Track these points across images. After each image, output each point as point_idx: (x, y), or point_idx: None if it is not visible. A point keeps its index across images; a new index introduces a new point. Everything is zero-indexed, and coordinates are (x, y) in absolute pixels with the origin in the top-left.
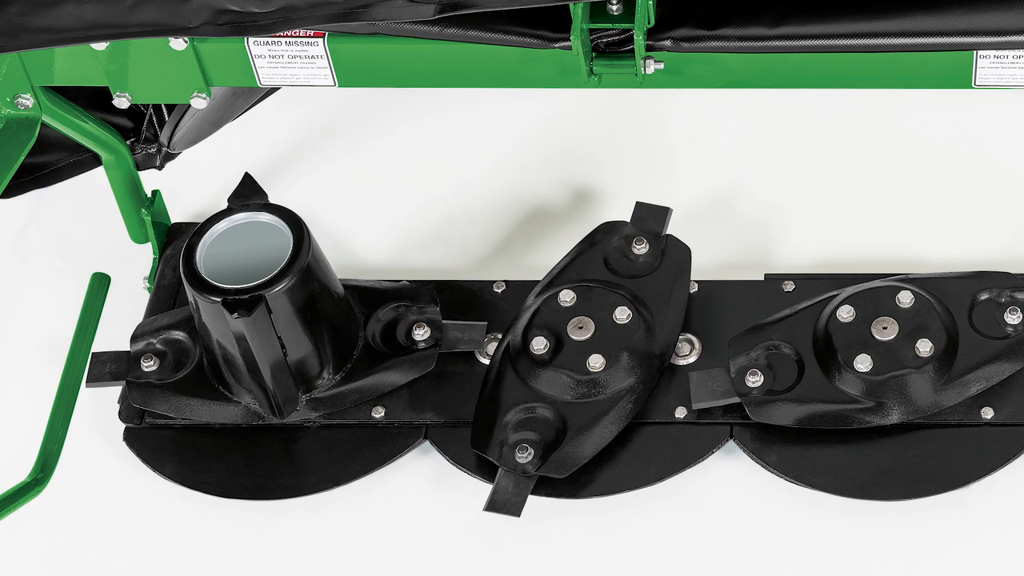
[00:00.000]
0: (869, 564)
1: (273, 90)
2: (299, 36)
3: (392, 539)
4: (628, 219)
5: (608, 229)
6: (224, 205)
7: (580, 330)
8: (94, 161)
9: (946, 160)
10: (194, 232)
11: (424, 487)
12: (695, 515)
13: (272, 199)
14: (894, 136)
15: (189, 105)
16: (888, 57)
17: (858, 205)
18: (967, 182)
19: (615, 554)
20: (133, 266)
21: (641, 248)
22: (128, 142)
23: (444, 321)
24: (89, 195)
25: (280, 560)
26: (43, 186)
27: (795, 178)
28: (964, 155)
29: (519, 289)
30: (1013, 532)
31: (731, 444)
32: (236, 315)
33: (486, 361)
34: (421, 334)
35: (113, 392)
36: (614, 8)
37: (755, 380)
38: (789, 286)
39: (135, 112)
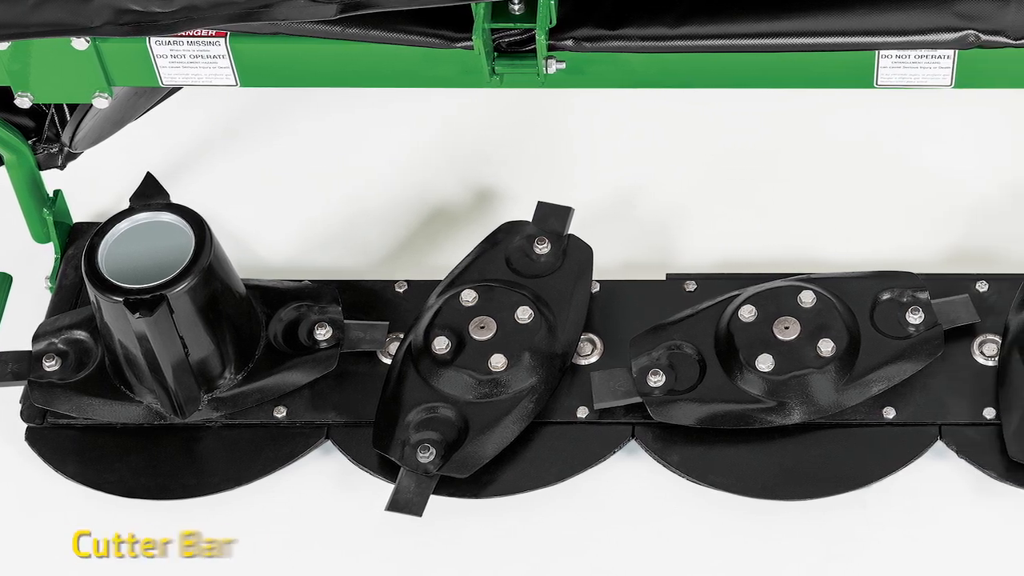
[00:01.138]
0: (771, 564)
1: (175, 90)
2: (201, 36)
3: (294, 539)
4: (530, 219)
5: (510, 229)
6: (126, 205)
7: (482, 330)
8: None
9: (848, 160)
10: (96, 232)
11: (326, 487)
12: (597, 515)
13: (174, 199)
14: (796, 136)
15: (91, 105)
16: (790, 57)
17: (760, 205)
18: (869, 182)
19: (517, 554)
20: (35, 266)
21: (543, 248)
22: (30, 142)
23: (346, 321)
24: None
25: (182, 559)
26: None
27: (697, 178)
28: (866, 155)
29: (421, 289)
30: (912, 532)
31: (633, 444)
32: (138, 315)
33: (388, 361)
34: (323, 334)
35: (15, 392)
36: (516, 8)
37: (657, 380)
38: (691, 286)
39: (37, 112)
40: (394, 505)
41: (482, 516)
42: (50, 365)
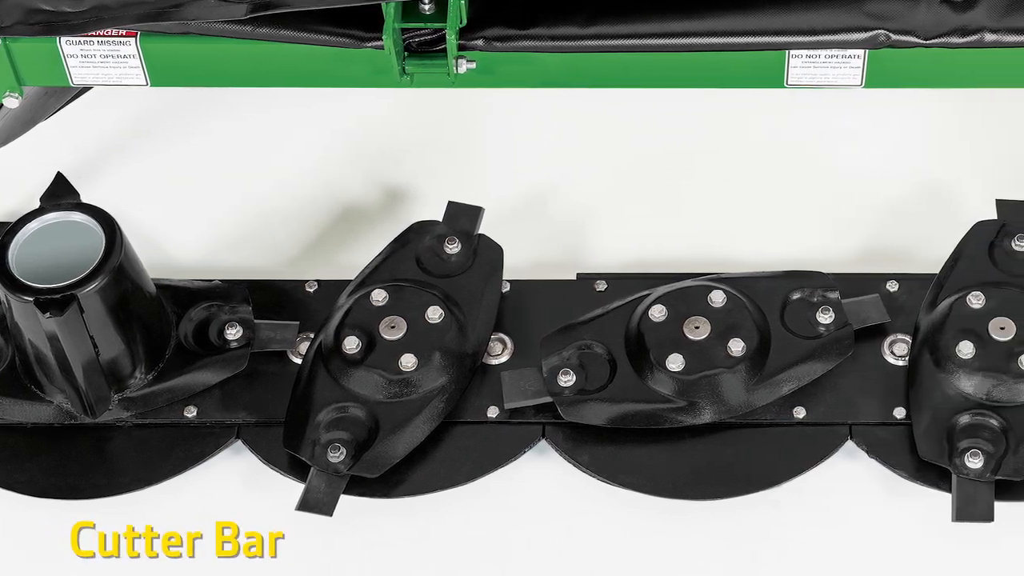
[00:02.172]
0: (683, 564)
1: (85, 89)
2: (111, 36)
3: (204, 539)
4: (440, 219)
5: (420, 229)
6: (36, 204)
7: (392, 329)
8: None
9: (759, 160)
10: (6, 232)
11: (236, 486)
12: (507, 515)
13: (84, 199)
14: (707, 136)
15: (1, 105)
16: (700, 57)
17: (671, 205)
18: (780, 182)
19: (428, 554)
20: None
21: (453, 247)
22: None
23: (256, 320)
24: None
25: (92, 559)
26: None
27: (608, 178)
28: (777, 155)
29: (331, 289)
30: (823, 531)
31: (543, 444)
32: (48, 315)
33: (298, 361)
34: (233, 333)
35: None
36: (426, 7)
37: (567, 380)
38: (601, 286)
39: None
40: (304, 505)
41: (392, 516)
42: None
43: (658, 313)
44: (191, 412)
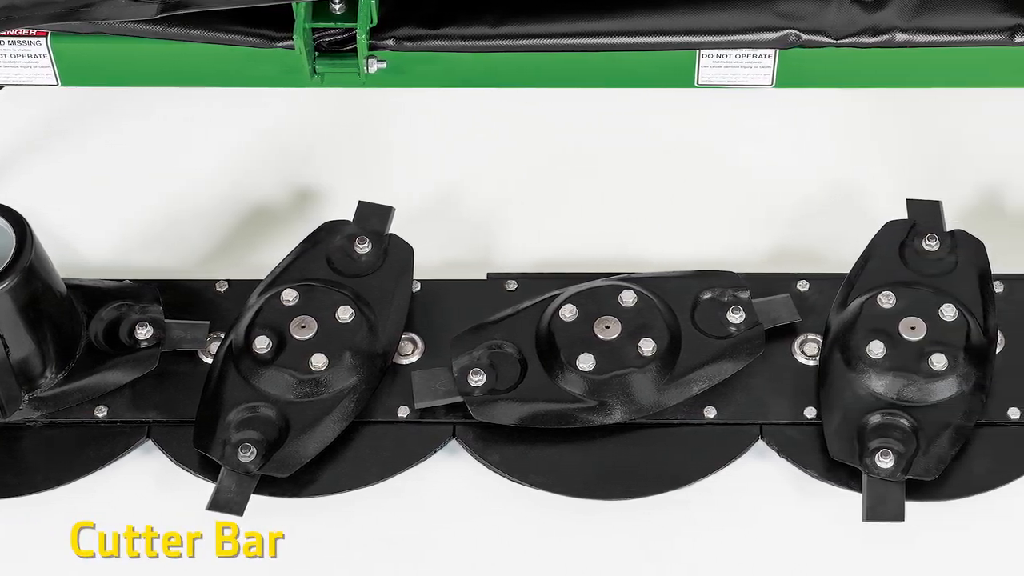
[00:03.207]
0: (594, 563)
1: None
2: (21, 35)
3: (116, 538)
4: (351, 218)
5: (331, 228)
6: None
7: (303, 329)
8: None
9: (670, 160)
10: None
11: (147, 486)
12: (418, 515)
13: None
14: (618, 136)
15: None
16: (612, 56)
17: (582, 204)
18: (691, 182)
19: (338, 554)
20: None
21: (364, 247)
22: None
23: (167, 320)
24: None
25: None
26: None
27: (519, 178)
28: (688, 155)
29: (242, 289)
30: (734, 531)
31: (454, 443)
32: None
33: (209, 360)
34: (144, 333)
35: None
36: (336, 7)
37: (478, 379)
38: (511, 285)
39: None
40: (215, 504)
41: (303, 515)
42: None
43: (569, 313)
44: (102, 412)
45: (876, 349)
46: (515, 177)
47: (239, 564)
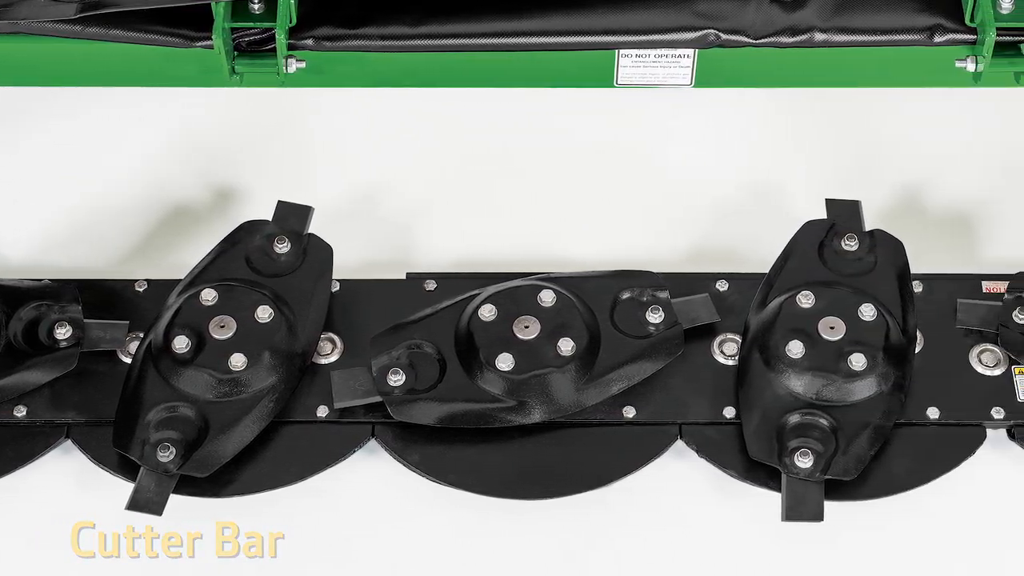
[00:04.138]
0: (513, 564)
1: None
2: None
3: (35, 538)
4: (270, 218)
5: (250, 228)
6: None
7: (222, 329)
8: None
9: (590, 160)
10: None
11: (67, 486)
12: (337, 515)
13: None
14: (537, 136)
15: None
16: (530, 56)
17: (502, 205)
18: (611, 182)
19: (255, 553)
20: None
21: (283, 247)
22: None
23: (86, 320)
24: None
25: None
26: None
27: (438, 178)
28: (608, 155)
29: (161, 288)
30: (653, 531)
31: (373, 443)
32: None
33: (128, 360)
34: (63, 333)
35: None
36: (256, 7)
37: (397, 379)
38: (431, 285)
39: None
40: (134, 504)
41: (222, 515)
42: None
43: (488, 313)
44: (20, 411)
45: (795, 349)
46: (434, 177)
47: (158, 562)
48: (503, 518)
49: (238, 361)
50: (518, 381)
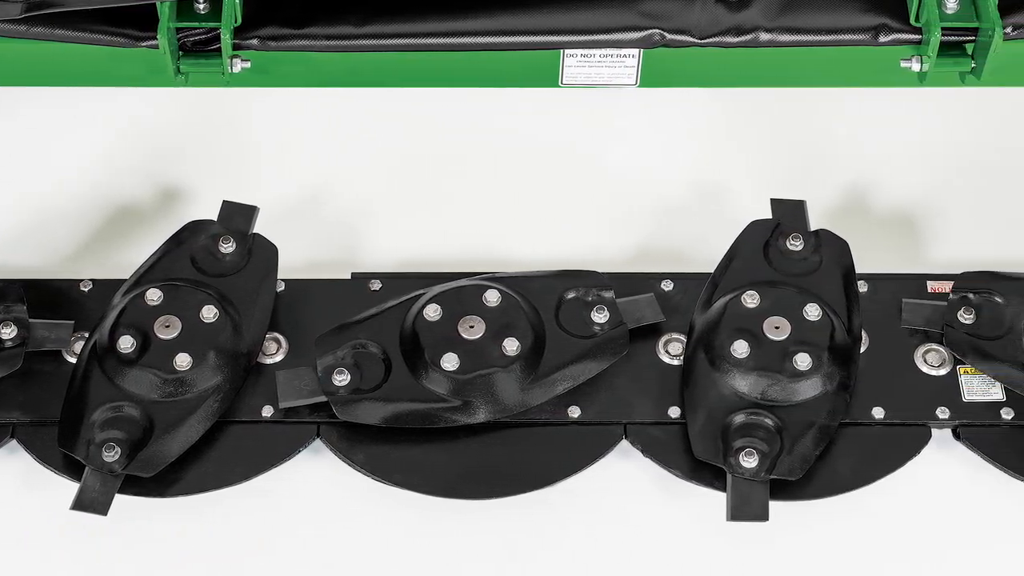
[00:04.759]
0: (457, 563)
1: None
2: None
3: None
4: (215, 218)
5: (195, 228)
6: None
7: (167, 329)
8: None
9: (535, 160)
10: None
11: (12, 486)
12: (282, 515)
13: None
14: (481, 135)
15: None
16: (475, 56)
17: (445, 204)
18: (555, 182)
19: (202, 553)
20: None
21: (228, 247)
22: None
23: (31, 320)
24: None
25: None
26: None
27: (383, 177)
28: (553, 155)
29: (106, 288)
30: (598, 530)
31: (318, 443)
32: None
33: (73, 360)
34: (7, 333)
35: None
36: (201, 7)
37: (342, 379)
38: (376, 285)
39: None
40: (79, 504)
41: (167, 515)
42: None
43: (433, 312)
44: None
45: (740, 349)
46: (380, 177)
47: (103, 562)
48: (448, 518)
49: (183, 361)
50: (463, 381)
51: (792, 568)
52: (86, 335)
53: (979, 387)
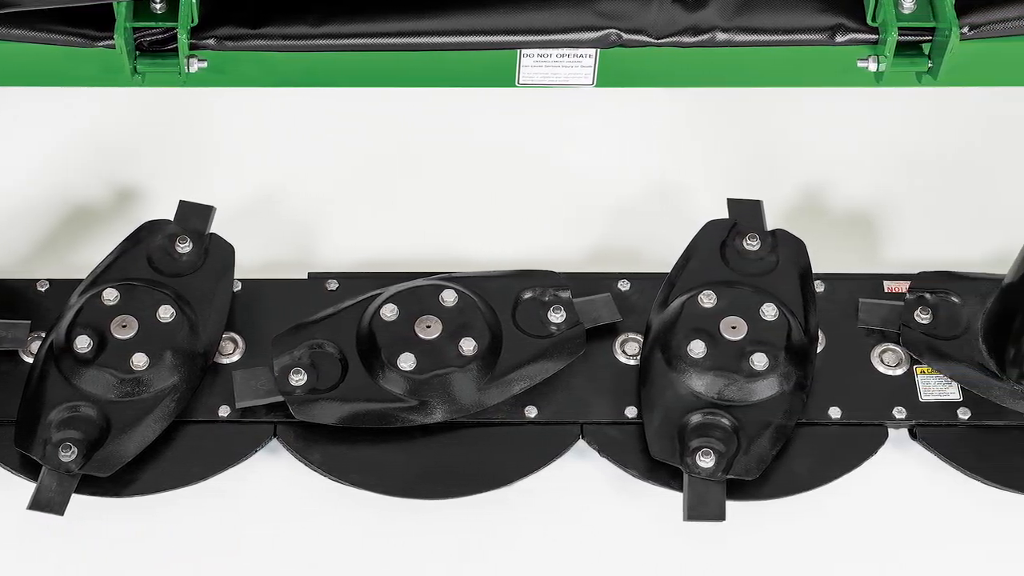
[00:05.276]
0: (415, 563)
1: None
2: None
3: None
4: (172, 218)
5: (152, 228)
6: None
7: (123, 329)
8: None
9: (493, 160)
10: None
11: None
12: (240, 514)
13: None
14: (438, 135)
15: None
16: (433, 56)
17: (402, 204)
18: (513, 182)
19: (160, 553)
20: None
21: (184, 247)
22: None
23: None
24: None
25: None
26: None
27: (340, 177)
28: (510, 155)
29: (63, 288)
30: (555, 530)
31: (275, 443)
32: None
33: (30, 360)
34: None
35: None
36: (158, 7)
37: (298, 379)
38: (332, 285)
39: None
40: (36, 504)
41: (124, 515)
42: None
43: (389, 312)
44: None
45: (697, 348)
46: (337, 177)
47: (59, 562)
48: (405, 518)
49: (140, 361)
50: (420, 381)
51: (748, 568)
52: (43, 335)
53: (936, 387)
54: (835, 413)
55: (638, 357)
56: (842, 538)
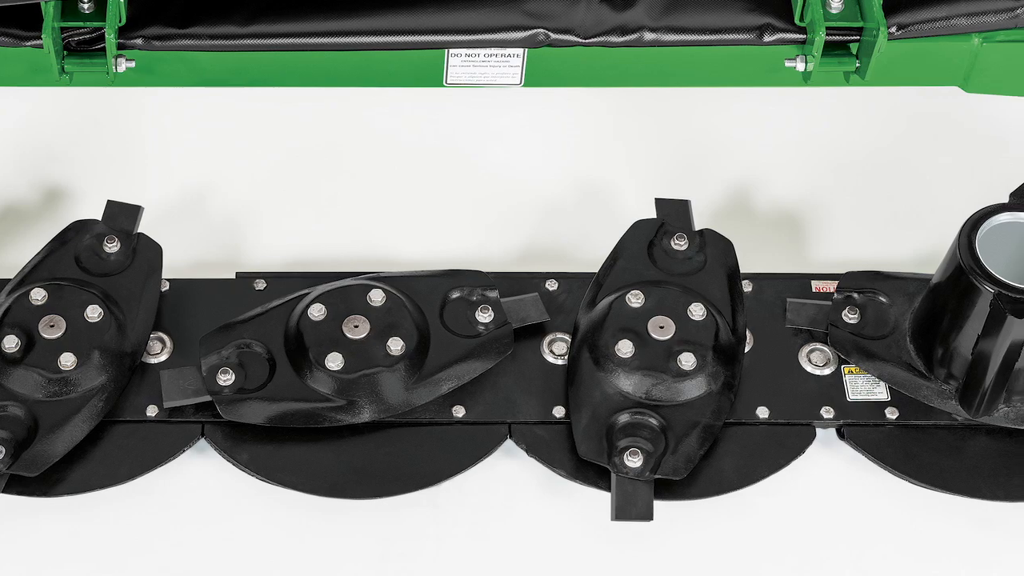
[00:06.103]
0: (340, 563)
1: None
2: None
3: None
4: (100, 218)
5: (79, 227)
6: None
7: (51, 328)
8: None
9: (420, 159)
10: None
11: None
12: (167, 514)
13: None
14: (366, 135)
15: None
16: (360, 55)
17: (330, 204)
18: (440, 181)
19: (87, 553)
20: None
21: (112, 247)
22: None
23: None
24: None
25: None
26: None
27: (267, 176)
28: (438, 154)
29: None
30: (482, 530)
31: (203, 442)
32: None
33: None
34: None
35: None
36: (85, 7)
37: (226, 379)
38: (260, 284)
39: None
40: None
41: (52, 514)
42: None
43: (317, 312)
44: None
45: (624, 348)
46: (265, 176)
47: None
48: (332, 518)
49: (68, 360)
50: (347, 380)
51: (677, 568)
52: None
53: (864, 387)
54: (763, 413)
55: (566, 357)
56: (770, 538)
